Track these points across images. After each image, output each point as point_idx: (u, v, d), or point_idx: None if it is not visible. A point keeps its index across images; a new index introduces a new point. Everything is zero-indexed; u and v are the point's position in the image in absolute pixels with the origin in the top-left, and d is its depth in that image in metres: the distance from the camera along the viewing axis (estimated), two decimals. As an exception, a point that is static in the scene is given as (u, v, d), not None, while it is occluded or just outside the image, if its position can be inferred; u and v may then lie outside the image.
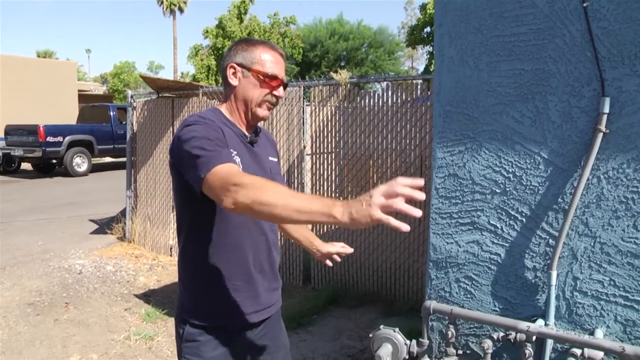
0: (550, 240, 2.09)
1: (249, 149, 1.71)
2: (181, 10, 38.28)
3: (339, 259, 2.02)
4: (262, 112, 1.72)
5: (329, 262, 2.02)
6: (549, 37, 2.05)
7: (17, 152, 14.85)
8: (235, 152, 1.62)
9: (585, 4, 1.94)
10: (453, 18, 2.25)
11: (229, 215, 1.61)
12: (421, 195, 1.10)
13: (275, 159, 1.88)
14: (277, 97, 1.72)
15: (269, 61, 1.69)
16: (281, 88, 1.72)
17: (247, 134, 1.73)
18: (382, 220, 1.11)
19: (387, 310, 4.51)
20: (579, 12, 1.97)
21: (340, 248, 2.01)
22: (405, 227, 1.11)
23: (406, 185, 1.11)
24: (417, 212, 1.11)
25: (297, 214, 1.23)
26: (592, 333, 2.00)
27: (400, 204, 1.10)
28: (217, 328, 1.65)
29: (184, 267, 1.72)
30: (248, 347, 1.74)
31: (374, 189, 1.14)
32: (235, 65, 1.70)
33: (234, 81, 1.71)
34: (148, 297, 5.07)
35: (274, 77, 1.69)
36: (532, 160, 2.11)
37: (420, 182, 1.12)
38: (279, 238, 1.89)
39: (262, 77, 1.68)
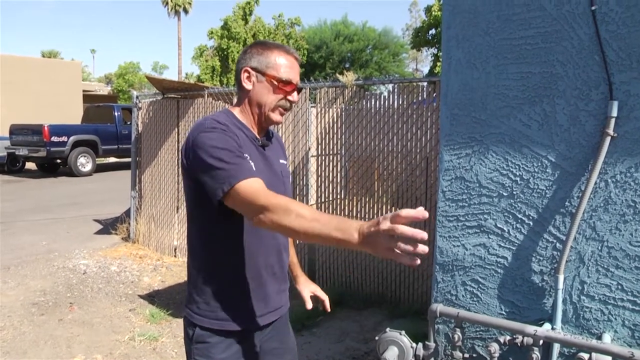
0: (558, 244, 2.09)
1: (261, 152, 1.71)
2: (186, 11, 38.40)
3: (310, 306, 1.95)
4: (275, 116, 1.71)
5: (307, 304, 1.93)
6: (557, 40, 2.04)
7: (22, 151, 14.90)
8: (247, 156, 1.62)
9: (593, 8, 1.94)
10: (461, 20, 2.25)
11: (240, 218, 1.62)
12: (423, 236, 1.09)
13: (285, 162, 1.87)
14: (291, 102, 1.71)
15: (284, 66, 1.68)
16: (295, 93, 1.71)
17: (258, 137, 1.73)
18: (392, 258, 1.14)
19: (392, 312, 4.50)
20: (587, 16, 1.97)
21: (310, 294, 1.95)
22: (416, 262, 1.12)
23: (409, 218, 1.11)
24: (415, 262, 1.12)
25: (318, 239, 1.28)
26: (599, 337, 1.99)
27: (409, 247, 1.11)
28: (227, 330, 1.65)
29: (194, 270, 1.72)
30: (257, 349, 1.74)
31: (383, 218, 1.13)
32: (249, 69, 1.68)
33: (248, 85, 1.69)
34: (152, 297, 5.07)
35: (288, 82, 1.68)
36: (539, 164, 2.10)
37: (425, 214, 1.10)
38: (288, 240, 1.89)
39: (276, 82, 1.66)
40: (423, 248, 1.09)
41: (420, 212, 1.09)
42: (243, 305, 1.66)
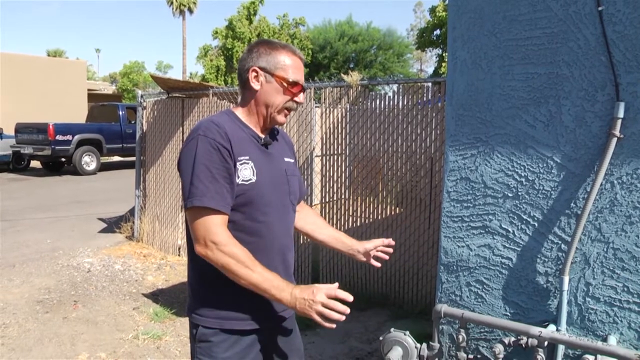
0: (563, 245, 2.08)
1: (263, 151, 1.71)
2: (191, 10, 38.41)
3: (386, 257, 1.99)
4: (281, 118, 1.71)
5: (375, 263, 1.99)
6: (563, 40, 2.04)
7: (27, 150, 14.96)
8: (247, 157, 1.63)
9: (600, 8, 1.93)
10: (467, 21, 2.25)
11: (239, 221, 1.63)
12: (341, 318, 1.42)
13: (292, 160, 1.86)
14: (298, 103, 1.72)
15: (292, 67, 1.68)
16: (302, 94, 1.72)
17: (261, 135, 1.73)
18: (316, 321, 1.43)
19: (396, 313, 4.50)
20: (593, 16, 1.96)
21: (380, 242, 1.97)
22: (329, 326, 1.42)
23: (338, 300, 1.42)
24: (333, 326, 1.42)
25: (254, 287, 1.52)
26: (604, 339, 1.98)
27: (335, 316, 1.41)
28: (230, 330, 1.65)
29: (194, 271, 1.71)
30: (261, 350, 1.73)
31: (317, 289, 1.44)
32: (257, 69, 1.68)
33: (255, 85, 1.69)
34: (156, 296, 5.08)
35: (295, 84, 1.68)
36: (544, 165, 2.10)
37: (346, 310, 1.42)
38: (294, 239, 1.88)
39: (285, 84, 1.67)
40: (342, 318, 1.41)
41: (350, 297, 1.43)
42: (245, 305, 1.66)
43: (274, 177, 1.71)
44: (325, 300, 1.41)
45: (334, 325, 1.39)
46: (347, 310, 1.39)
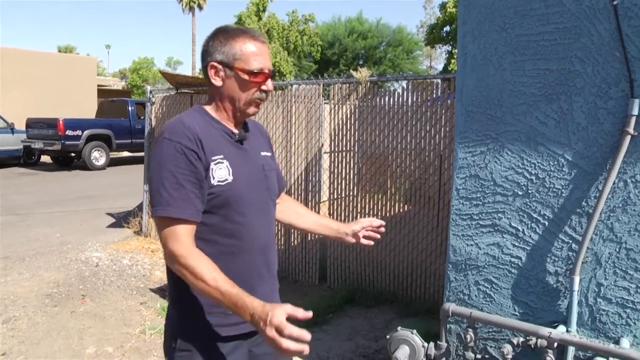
0: (573, 245, 2.05)
1: (238, 148, 1.62)
2: (200, 7, 38.54)
3: (378, 236, 1.89)
4: (252, 110, 1.61)
5: (366, 242, 1.88)
6: (576, 36, 2.00)
7: (37, 145, 15.04)
8: (221, 156, 1.54)
9: (615, 2, 1.89)
10: (477, 15, 2.21)
11: (217, 223, 1.55)
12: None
13: (269, 154, 1.76)
14: (266, 92, 1.60)
15: (252, 54, 1.55)
16: (269, 81, 1.59)
17: (235, 131, 1.63)
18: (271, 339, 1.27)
19: (403, 311, 4.47)
20: (607, 11, 1.92)
21: (368, 223, 1.86)
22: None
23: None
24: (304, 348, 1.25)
25: (209, 297, 1.42)
26: (617, 342, 1.95)
27: (286, 342, 1.24)
28: (210, 337, 1.56)
29: (170, 278, 1.62)
30: (246, 355, 1.64)
31: (275, 311, 1.26)
32: (216, 64, 1.56)
33: (217, 82, 1.57)
34: (163, 291, 5.09)
35: (259, 72, 1.56)
36: (555, 162, 2.06)
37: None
38: (275, 237, 1.77)
39: (247, 76, 1.55)
40: (305, 348, 1.24)
41: (309, 314, 1.27)
42: (225, 312, 1.51)
43: (251, 174, 1.62)
44: (281, 324, 1.24)
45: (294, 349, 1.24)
46: (305, 337, 1.24)
